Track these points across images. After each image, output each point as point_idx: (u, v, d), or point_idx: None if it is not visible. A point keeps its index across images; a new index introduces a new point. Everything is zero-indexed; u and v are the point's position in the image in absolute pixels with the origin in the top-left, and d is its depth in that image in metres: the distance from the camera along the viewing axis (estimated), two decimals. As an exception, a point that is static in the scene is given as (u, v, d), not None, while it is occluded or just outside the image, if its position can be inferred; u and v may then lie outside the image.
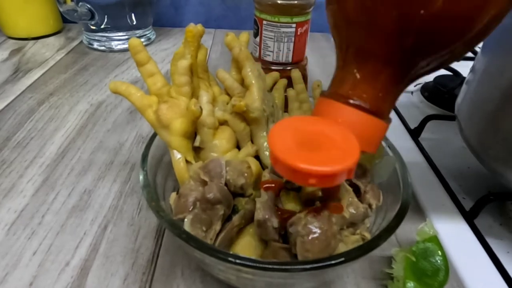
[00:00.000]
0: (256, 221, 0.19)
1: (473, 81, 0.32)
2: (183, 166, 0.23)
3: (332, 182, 0.13)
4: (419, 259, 0.23)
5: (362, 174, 0.23)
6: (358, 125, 0.15)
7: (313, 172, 0.13)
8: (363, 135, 0.15)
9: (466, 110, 0.33)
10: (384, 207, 0.23)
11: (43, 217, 0.28)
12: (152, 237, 0.27)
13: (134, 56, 0.22)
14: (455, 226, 0.29)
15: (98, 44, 0.57)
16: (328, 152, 0.13)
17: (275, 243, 0.19)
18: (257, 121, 0.24)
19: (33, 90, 0.45)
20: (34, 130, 0.38)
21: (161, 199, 0.22)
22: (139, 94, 0.23)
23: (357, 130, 0.15)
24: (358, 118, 0.15)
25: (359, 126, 0.15)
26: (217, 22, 0.68)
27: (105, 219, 0.28)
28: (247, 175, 0.21)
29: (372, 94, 0.15)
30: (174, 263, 0.25)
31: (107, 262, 0.25)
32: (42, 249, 0.26)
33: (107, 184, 0.32)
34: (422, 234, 0.24)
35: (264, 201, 0.19)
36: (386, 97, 0.15)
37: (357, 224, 0.21)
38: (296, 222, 0.18)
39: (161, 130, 0.23)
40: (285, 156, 0.13)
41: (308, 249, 0.17)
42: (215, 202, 0.18)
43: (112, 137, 0.38)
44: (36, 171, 0.33)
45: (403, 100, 0.50)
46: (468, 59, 0.59)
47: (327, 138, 0.14)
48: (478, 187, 0.35)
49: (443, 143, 0.41)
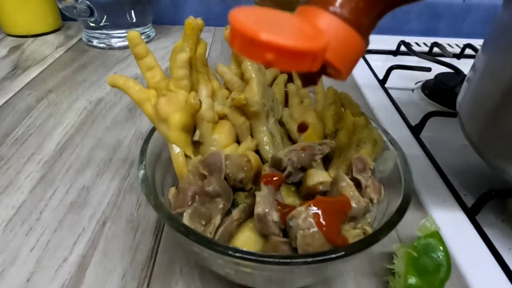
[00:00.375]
0: (256, 215, 0.18)
1: (474, 78, 0.32)
2: (182, 161, 0.22)
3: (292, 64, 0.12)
4: (420, 255, 0.23)
5: (362, 168, 0.22)
6: (334, 33, 0.14)
7: (272, 44, 0.11)
8: (337, 46, 0.14)
9: (467, 107, 0.32)
10: (385, 202, 0.22)
11: (41, 214, 0.28)
12: (151, 234, 0.27)
13: (132, 49, 0.22)
14: (457, 222, 0.29)
15: (97, 42, 0.56)
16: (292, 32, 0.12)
17: (275, 237, 0.19)
18: (256, 115, 0.24)
19: (32, 87, 0.45)
20: (32, 127, 0.38)
21: (160, 195, 0.22)
22: (138, 87, 0.23)
23: (332, 39, 0.13)
24: (335, 25, 0.14)
25: (334, 35, 0.14)
26: (217, 20, 0.67)
27: (104, 216, 0.28)
28: (246, 169, 0.20)
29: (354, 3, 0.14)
30: (173, 260, 0.25)
31: (105, 259, 0.25)
32: (39, 246, 0.25)
33: (106, 181, 0.31)
34: (423, 230, 0.24)
35: (264, 195, 0.19)
36: (367, 10, 0.14)
37: (357, 218, 0.20)
38: (296, 216, 0.17)
39: (159, 124, 0.23)
40: (242, 26, 0.11)
41: (309, 242, 0.17)
42: (215, 195, 0.18)
43: (111, 134, 0.37)
44: (34, 167, 0.32)
45: (404, 98, 0.50)
46: (469, 57, 0.59)
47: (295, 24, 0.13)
48: (479, 185, 0.34)
49: (444, 141, 0.41)
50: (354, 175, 0.22)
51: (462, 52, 0.60)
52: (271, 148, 0.23)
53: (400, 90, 0.51)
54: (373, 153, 0.23)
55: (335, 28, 0.13)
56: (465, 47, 0.59)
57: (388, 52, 0.61)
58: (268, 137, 0.24)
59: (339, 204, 0.19)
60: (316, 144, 0.22)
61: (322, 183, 0.20)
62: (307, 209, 0.17)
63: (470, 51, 0.59)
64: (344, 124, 0.25)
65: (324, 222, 0.17)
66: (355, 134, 0.24)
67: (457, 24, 0.71)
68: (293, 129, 0.26)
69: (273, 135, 0.24)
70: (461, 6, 0.69)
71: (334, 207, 0.18)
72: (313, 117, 0.26)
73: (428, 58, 0.53)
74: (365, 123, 0.24)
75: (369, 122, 0.25)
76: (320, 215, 0.17)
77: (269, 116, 0.24)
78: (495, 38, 0.30)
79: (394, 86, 0.51)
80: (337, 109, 0.26)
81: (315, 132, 0.25)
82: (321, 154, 0.22)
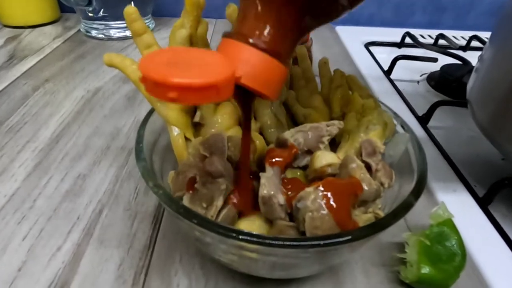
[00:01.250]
0: (260, 198, 0.17)
1: (486, 63, 0.31)
2: (181, 143, 0.21)
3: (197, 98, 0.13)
4: (433, 243, 0.21)
5: (372, 151, 0.21)
6: (256, 64, 0.15)
7: (172, 84, 0.12)
8: (256, 73, 0.15)
9: (478, 93, 0.31)
10: (395, 188, 0.21)
11: (35, 202, 0.27)
12: (149, 222, 0.25)
13: (130, 25, 0.21)
14: (469, 211, 0.28)
15: (96, 32, 0.55)
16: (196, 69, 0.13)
17: (281, 221, 0.17)
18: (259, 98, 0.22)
19: (28, 77, 0.44)
20: (28, 115, 0.37)
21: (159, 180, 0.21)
22: (135, 66, 0.22)
23: (255, 70, 0.15)
24: (255, 57, 0.15)
25: (254, 64, 0.15)
26: (218, 12, 0.66)
27: (100, 204, 0.27)
28: (251, 149, 0.19)
29: (271, 33, 0.15)
30: (172, 249, 0.24)
31: (101, 247, 0.23)
32: (32, 234, 0.24)
33: (103, 169, 0.30)
34: (436, 218, 0.23)
35: (269, 176, 0.18)
36: (283, 39, 0.16)
37: (368, 202, 0.19)
38: (305, 197, 0.16)
39: (158, 104, 0.21)
40: (147, 71, 0.12)
41: (318, 225, 0.16)
42: (217, 175, 0.17)
43: (109, 122, 0.36)
44: (28, 155, 0.31)
45: (409, 90, 0.49)
46: (475, 49, 0.58)
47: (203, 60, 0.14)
48: (489, 175, 0.33)
49: (451, 131, 0.39)
50: (364, 158, 0.21)
51: (468, 44, 0.59)
52: (276, 131, 0.22)
53: (405, 82, 0.50)
54: (383, 136, 0.22)
55: (254, 59, 0.15)
56: (471, 39, 0.58)
57: (393, 44, 0.60)
58: (273, 119, 0.22)
59: (349, 186, 0.17)
60: (323, 125, 0.21)
61: (331, 165, 0.19)
62: (316, 190, 0.16)
63: (476, 43, 0.58)
64: (353, 107, 0.24)
65: (334, 204, 0.16)
66: (364, 116, 0.22)
67: (461, 16, 0.69)
68: (298, 112, 0.24)
69: (278, 118, 0.23)
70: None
71: (345, 189, 0.17)
72: (319, 101, 0.25)
73: (434, 49, 0.51)
74: (375, 105, 0.23)
75: (378, 104, 0.24)
76: (330, 196, 0.16)
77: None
78: (502, 28, 0.29)
79: (399, 77, 0.50)
80: (344, 92, 0.25)
81: (321, 116, 0.24)
82: (329, 136, 0.21)
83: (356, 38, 0.61)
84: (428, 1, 0.68)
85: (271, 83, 0.16)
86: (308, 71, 0.27)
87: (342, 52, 0.56)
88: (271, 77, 0.15)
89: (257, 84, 0.15)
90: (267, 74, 0.15)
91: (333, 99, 0.25)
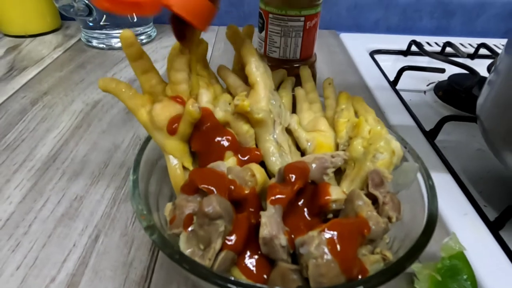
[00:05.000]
0: (261, 239, 0.16)
1: (497, 80, 0.29)
2: (179, 173, 0.20)
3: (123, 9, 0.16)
4: (445, 278, 0.20)
5: (380, 182, 0.20)
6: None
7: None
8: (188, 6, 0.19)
9: (489, 110, 0.30)
10: (404, 220, 0.20)
11: (30, 227, 0.26)
12: (146, 249, 0.25)
13: (125, 50, 0.20)
14: (480, 238, 0.27)
15: (97, 42, 0.55)
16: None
17: (283, 263, 0.16)
18: (262, 123, 0.21)
19: (27, 89, 0.43)
20: (25, 131, 0.36)
21: (154, 210, 0.20)
22: (131, 92, 0.21)
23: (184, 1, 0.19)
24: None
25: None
26: (220, 19, 0.65)
27: (96, 229, 0.26)
28: (251, 184, 0.18)
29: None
30: (170, 280, 0.23)
31: (96, 278, 0.23)
32: (26, 263, 0.23)
33: (100, 190, 0.29)
34: (447, 250, 0.22)
35: (270, 215, 0.17)
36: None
37: (375, 241, 0.18)
38: (308, 242, 0.15)
39: (155, 132, 0.21)
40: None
41: (323, 273, 0.15)
42: (214, 217, 0.16)
43: (107, 138, 0.35)
44: (24, 175, 0.30)
45: (415, 100, 0.47)
46: (483, 57, 0.57)
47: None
48: (500, 194, 0.32)
49: (460, 145, 0.38)
50: (370, 190, 0.20)
51: (476, 52, 0.57)
52: (278, 160, 0.21)
53: (411, 92, 0.49)
54: (391, 165, 0.21)
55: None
56: (479, 46, 0.57)
57: (398, 52, 0.59)
58: (275, 147, 0.21)
59: (356, 226, 0.16)
60: (328, 156, 0.20)
61: (336, 201, 0.18)
62: (320, 234, 0.15)
63: (484, 51, 0.56)
64: (358, 132, 0.23)
65: (339, 248, 0.15)
66: (371, 143, 0.21)
67: (470, 21, 0.68)
68: (301, 137, 0.23)
69: (280, 145, 0.22)
70: (474, 3, 0.66)
71: (351, 230, 0.16)
72: (325, 124, 0.24)
73: (441, 58, 0.50)
74: (382, 132, 0.22)
75: (386, 131, 0.22)
76: (336, 241, 0.15)
77: (275, 123, 0.22)
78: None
79: (405, 87, 0.49)
80: (350, 115, 0.24)
81: (326, 141, 0.23)
82: (333, 167, 0.20)
83: (361, 46, 0.59)
84: (435, 6, 0.66)
85: (198, 14, 0.19)
86: (312, 92, 0.26)
87: (346, 60, 0.55)
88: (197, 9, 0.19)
89: (184, 12, 0.19)
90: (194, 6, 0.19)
91: (338, 123, 0.24)
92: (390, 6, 0.66)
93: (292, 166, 0.19)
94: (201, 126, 0.20)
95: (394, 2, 0.65)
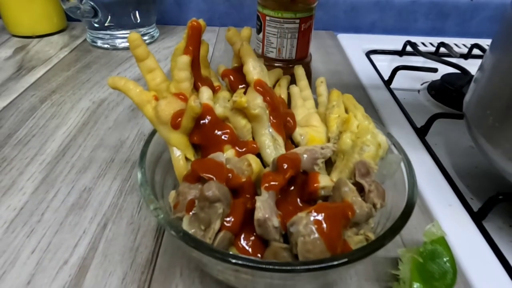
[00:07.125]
0: (256, 221, 0.18)
1: (482, 79, 0.31)
2: (182, 164, 0.22)
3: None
4: (426, 261, 0.22)
5: (366, 172, 0.22)
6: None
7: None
8: None
9: (475, 108, 0.32)
10: (389, 206, 0.22)
11: (43, 215, 0.28)
12: (151, 236, 0.26)
13: (133, 51, 0.22)
14: (463, 227, 0.28)
15: (101, 42, 0.57)
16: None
17: (275, 243, 0.18)
18: (258, 118, 0.23)
19: (36, 88, 0.45)
20: (35, 128, 0.38)
21: (160, 198, 0.22)
22: (138, 89, 0.23)
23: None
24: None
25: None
26: (221, 20, 0.67)
27: (105, 217, 0.28)
28: (247, 173, 0.20)
29: None
30: (173, 263, 0.25)
31: (106, 261, 0.24)
32: (40, 247, 0.25)
33: (107, 182, 0.31)
34: (429, 235, 0.23)
35: (264, 199, 0.19)
36: None
37: (360, 224, 0.20)
38: (297, 222, 0.17)
39: (160, 127, 0.22)
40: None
41: (310, 249, 0.16)
42: (214, 200, 0.18)
43: (113, 134, 0.37)
44: (36, 168, 0.32)
45: (409, 98, 0.49)
46: (476, 57, 0.58)
47: None
48: (486, 188, 0.34)
49: (450, 142, 0.40)
50: (357, 179, 0.21)
51: (470, 52, 0.59)
52: (273, 152, 0.23)
53: (406, 91, 0.51)
54: (377, 157, 0.23)
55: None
56: (472, 47, 0.58)
57: (394, 52, 0.61)
58: (270, 140, 0.23)
59: (341, 209, 0.18)
60: (318, 148, 0.22)
61: (324, 188, 0.20)
62: (308, 215, 0.17)
63: (477, 51, 0.58)
64: (348, 127, 0.24)
65: (325, 228, 0.17)
66: (358, 137, 0.23)
67: (464, 23, 0.69)
68: (295, 131, 0.25)
69: (275, 138, 0.24)
70: (468, 5, 0.68)
71: (336, 213, 0.18)
72: (317, 120, 0.26)
73: (434, 58, 0.52)
74: (369, 126, 0.24)
75: (373, 125, 0.24)
76: (322, 221, 0.17)
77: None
78: (504, 36, 0.29)
79: (399, 86, 0.50)
80: (340, 111, 0.26)
81: (318, 135, 0.25)
82: (323, 158, 0.22)
83: (357, 46, 0.61)
84: (430, 8, 0.68)
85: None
86: (305, 89, 0.27)
87: (343, 60, 0.57)
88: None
89: None
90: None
91: (329, 119, 0.26)
92: (386, 8, 0.68)
93: (284, 156, 0.21)
94: (202, 121, 0.22)
95: (390, 4, 0.67)
